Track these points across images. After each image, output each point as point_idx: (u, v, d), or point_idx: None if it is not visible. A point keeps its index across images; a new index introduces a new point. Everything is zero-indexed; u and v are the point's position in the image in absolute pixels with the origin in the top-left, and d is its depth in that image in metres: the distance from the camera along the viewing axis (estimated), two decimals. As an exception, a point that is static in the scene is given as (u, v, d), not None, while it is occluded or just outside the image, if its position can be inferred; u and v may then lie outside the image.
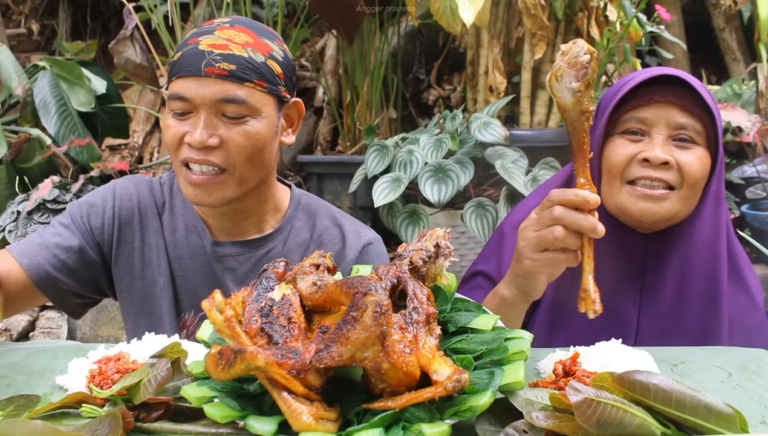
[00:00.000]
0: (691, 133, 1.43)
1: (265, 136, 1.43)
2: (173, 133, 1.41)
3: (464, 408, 0.86)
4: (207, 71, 1.36)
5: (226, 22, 1.45)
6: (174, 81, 1.41)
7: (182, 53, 1.40)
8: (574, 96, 1.12)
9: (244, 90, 1.38)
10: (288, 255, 1.56)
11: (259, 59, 1.41)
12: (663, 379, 0.82)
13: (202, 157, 1.39)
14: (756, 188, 3.87)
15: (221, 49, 1.38)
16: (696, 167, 1.42)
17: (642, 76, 1.45)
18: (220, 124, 1.39)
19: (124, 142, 4.83)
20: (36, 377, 1.14)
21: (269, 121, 1.43)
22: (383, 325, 0.85)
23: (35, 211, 3.36)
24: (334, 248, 1.57)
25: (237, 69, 1.37)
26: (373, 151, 3.42)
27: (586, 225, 1.17)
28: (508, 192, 3.16)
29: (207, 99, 1.37)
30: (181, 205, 1.59)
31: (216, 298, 1.00)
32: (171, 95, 1.41)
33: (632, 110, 1.46)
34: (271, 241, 1.57)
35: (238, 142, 1.39)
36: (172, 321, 1.56)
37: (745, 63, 4.98)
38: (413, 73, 4.85)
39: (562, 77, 1.12)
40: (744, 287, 1.58)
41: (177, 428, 0.92)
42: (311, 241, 1.59)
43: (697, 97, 1.43)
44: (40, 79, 3.68)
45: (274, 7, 4.21)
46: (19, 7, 6.04)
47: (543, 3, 3.47)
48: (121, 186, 1.60)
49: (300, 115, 1.56)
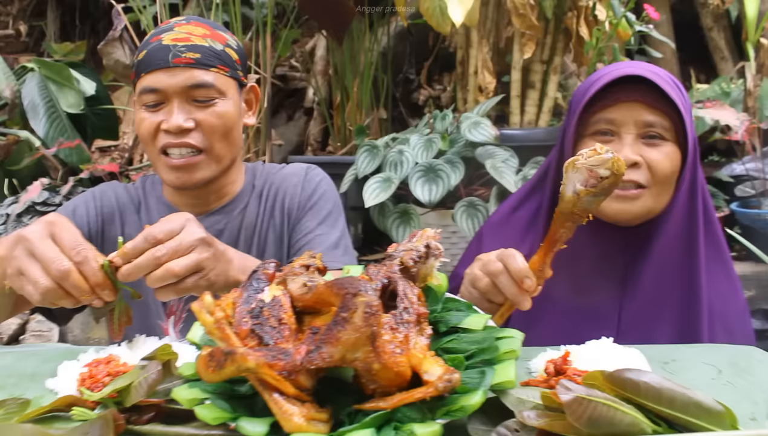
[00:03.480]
0: (659, 130, 1.46)
1: (233, 116, 1.56)
2: (148, 124, 1.52)
3: (456, 408, 0.86)
4: (175, 62, 1.49)
5: (181, 20, 1.59)
6: (142, 77, 1.52)
7: (146, 51, 1.52)
8: (574, 195, 1.13)
9: (211, 75, 1.52)
10: (259, 208, 1.67)
11: (218, 48, 1.54)
12: (653, 377, 0.82)
13: (180, 141, 1.50)
14: (745, 186, 3.89)
15: (184, 42, 1.51)
16: (664, 164, 1.45)
17: (607, 78, 1.47)
18: (192, 109, 1.51)
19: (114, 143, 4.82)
20: (26, 381, 1.14)
21: (234, 102, 1.57)
22: (373, 325, 0.85)
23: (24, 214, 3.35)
24: (290, 185, 1.69)
25: (202, 57, 1.51)
26: (363, 152, 3.42)
27: (512, 296, 1.21)
28: (499, 192, 3.17)
29: (178, 87, 1.49)
30: (155, 202, 1.69)
31: (206, 299, 1.00)
32: (142, 90, 1.52)
33: (600, 111, 1.48)
34: (240, 201, 1.67)
35: (211, 122, 1.52)
36: (158, 308, 1.61)
37: (733, 62, 5.01)
38: (403, 74, 4.86)
39: (576, 171, 1.12)
40: (727, 274, 1.60)
41: (168, 430, 0.91)
42: (264, 187, 1.70)
43: (664, 93, 1.44)
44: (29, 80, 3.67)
45: (264, 7, 4.20)
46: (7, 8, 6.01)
47: (532, 3, 3.48)
48: (99, 190, 1.71)
49: (257, 99, 1.70)
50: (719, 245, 1.60)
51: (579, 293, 1.53)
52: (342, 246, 1.64)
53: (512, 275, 1.20)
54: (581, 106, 1.48)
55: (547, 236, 1.19)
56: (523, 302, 1.21)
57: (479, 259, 1.29)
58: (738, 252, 3.67)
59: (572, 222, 1.15)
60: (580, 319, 1.53)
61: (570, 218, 1.15)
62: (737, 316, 1.59)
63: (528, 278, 1.19)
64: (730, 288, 1.60)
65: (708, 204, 1.57)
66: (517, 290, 1.20)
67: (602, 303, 1.54)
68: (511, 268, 1.20)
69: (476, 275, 1.26)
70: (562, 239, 1.17)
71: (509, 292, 1.21)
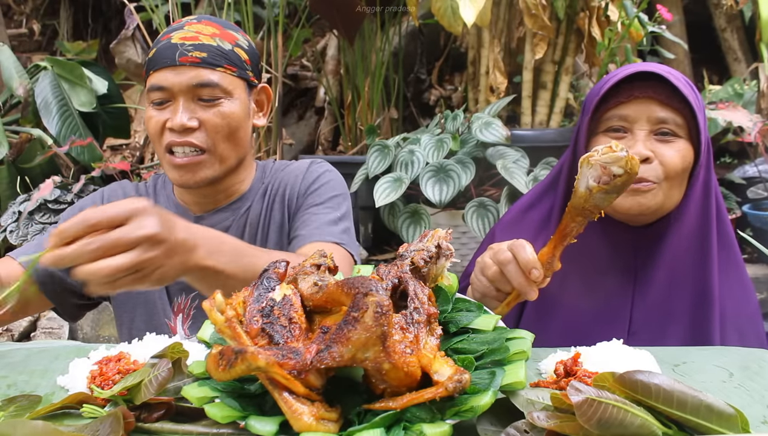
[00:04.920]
0: (672, 127, 1.46)
1: (239, 116, 1.55)
2: (155, 122, 1.53)
3: (465, 408, 0.86)
4: (181, 60, 1.50)
5: (193, 19, 1.60)
6: (151, 75, 1.53)
7: (156, 49, 1.54)
8: (587, 191, 1.13)
9: (216, 74, 1.52)
10: (266, 205, 1.66)
11: (227, 47, 1.55)
12: (664, 379, 0.82)
13: (184, 140, 1.50)
14: (757, 188, 3.87)
15: (192, 41, 1.52)
16: (676, 161, 1.45)
17: (621, 74, 1.48)
18: (197, 108, 1.51)
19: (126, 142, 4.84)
20: (37, 378, 1.14)
21: (241, 102, 1.57)
22: (384, 325, 0.85)
23: (36, 212, 3.37)
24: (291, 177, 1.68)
25: (208, 56, 1.51)
26: (374, 152, 3.42)
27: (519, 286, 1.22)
28: (510, 192, 3.16)
29: (184, 85, 1.50)
30: (164, 200, 1.69)
31: (217, 298, 1.00)
32: (150, 87, 1.53)
33: (614, 108, 1.49)
34: (247, 199, 1.67)
35: (215, 122, 1.52)
36: (165, 306, 1.61)
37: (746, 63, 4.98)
38: (414, 73, 4.85)
39: (590, 167, 1.12)
40: (740, 276, 1.59)
41: (178, 428, 0.92)
42: (271, 185, 1.69)
43: (676, 90, 1.45)
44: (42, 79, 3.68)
45: (275, 7, 4.21)
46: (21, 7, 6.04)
47: (544, 3, 3.47)
48: (108, 190, 1.72)
49: (269, 100, 1.69)
50: (731, 247, 1.59)
51: (591, 293, 1.54)
52: (342, 225, 1.59)
53: (520, 265, 1.21)
54: (595, 102, 1.49)
55: (557, 229, 1.20)
56: (529, 292, 1.21)
57: (491, 248, 1.30)
58: (750, 254, 3.65)
59: (583, 217, 1.16)
60: (593, 318, 1.53)
61: (581, 213, 1.15)
62: (749, 318, 1.58)
63: (536, 268, 1.19)
64: (743, 290, 1.59)
65: (720, 205, 1.56)
66: (524, 279, 1.21)
67: (614, 303, 1.54)
68: (520, 258, 1.21)
69: (486, 263, 1.27)
70: (573, 233, 1.18)
71: (516, 281, 1.21)
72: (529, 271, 1.20)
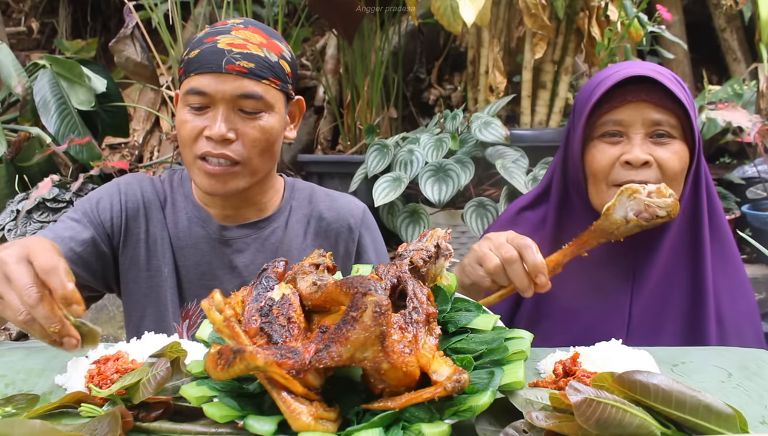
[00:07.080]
0: (666, 128, 1.47)
1: (277, 131, 1.52)
2: (191, 128, 1.47)
3: (464, 408, 0.86)
4: (228, 68, 1.44)
5: (239, 23, 1.52)
6: (191, 77, 1.47)
7: (200, 51, 1.46)
8: (623, 220, 1.17)
9: (261, 87, 1.47)
10: (291, 231, 1.65)
11: (273, 59, 1.49)
12: (663, 379, 0.82)
13: (220, 151, 1.46)
14: (756, 188, 3.87)
15: (240, 48, 1.45)
16: (674, 162, 1.46)
17: (612, 79, 1.48)
18: (237, 119, 1.47)
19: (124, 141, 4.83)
20: (35, 377, 1.14)
21: (280, 116, 1.53)
22: (383, 325, 0.85)
23: (35, 210, 3.36)
24: (330, 216, 1.68)
25: (255, 67, 1.45)
26: (373, 151, 3.42)
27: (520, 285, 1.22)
28: (509, 192, 3.16)
29: (227, 94, 1.44)
30: (182, 199, 1.65)
31: (215, 297, 1.00)
32: (189, 90, 1.46)
33: (607, 113, 1.49)
34: (274, 221, 1.64)
35: (254, 136, 1.47)
36: (175, 310, 1.60)
37: (746, 63, 4.98)
38: (414, 73, 4.84)
39: (632, 200, 1.15)
40: (735, 271, 1.60)
41: (176, 427, 0.91)
42: (311, 216, 1.68)
43: (669, 91, 1.45)
44: (40, 77, 3.67)
45: (275, 5, 4.20)
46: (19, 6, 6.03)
47: (544, 2, 3.46)
48: (125, 182, 1.66)
49: (301, 112, 1.65)
50: (726, 240, 1.60)
51: (591, 289, 1.54)
52: None
53: (528, 268, 1.21)
54: (588, 108, 1.48)
55: (574, 242, 1.22)
56: (528, 292, 1.22)
57: (488, 238, 1.30)
58: (749, 255, 3.65)
59: (606, 239, 1.20)
60: (592, 314, 1.53)
61: (607, 237, 1.20)
62: (747, 315, 1.58)
63: (542, 274, 1.19)
64: (739, 285, 1.60)
65: (713, 197, 1.57)
66: (528, 281, 1.21)
67: (613, 298, 1.54)
68: (529, 261, 1.21)
69: (486, 255, 1.26)
70: (588, 248, 1.20)
71: (520, 282, 1.21)
72: (536, 275, 1.20)
